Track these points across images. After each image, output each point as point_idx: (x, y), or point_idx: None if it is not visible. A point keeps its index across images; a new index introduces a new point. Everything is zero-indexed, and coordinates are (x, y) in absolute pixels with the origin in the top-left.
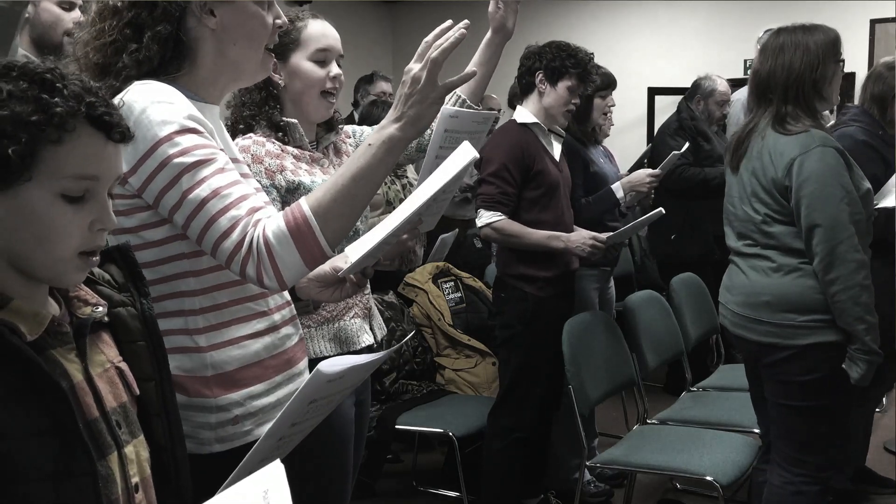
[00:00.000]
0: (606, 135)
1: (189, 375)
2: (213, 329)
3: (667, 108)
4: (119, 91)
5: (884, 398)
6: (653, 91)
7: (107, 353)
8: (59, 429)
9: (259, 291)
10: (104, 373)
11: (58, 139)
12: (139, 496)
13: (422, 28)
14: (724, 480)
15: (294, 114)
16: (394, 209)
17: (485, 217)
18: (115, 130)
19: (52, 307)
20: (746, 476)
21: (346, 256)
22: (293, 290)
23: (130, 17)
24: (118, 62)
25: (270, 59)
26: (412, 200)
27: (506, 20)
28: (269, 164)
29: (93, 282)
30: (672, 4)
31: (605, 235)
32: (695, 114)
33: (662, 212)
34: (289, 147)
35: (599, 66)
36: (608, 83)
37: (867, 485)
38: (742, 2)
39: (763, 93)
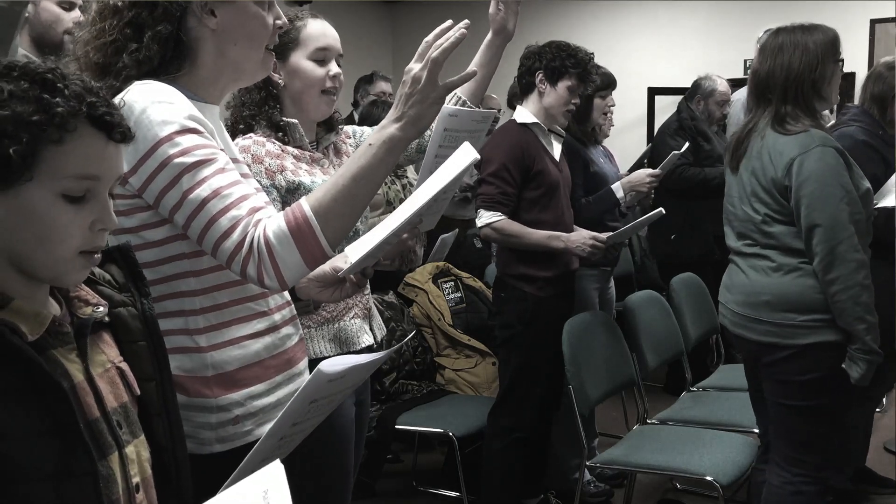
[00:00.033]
0: (606, 135)
1: (189, 375)
2: (214, 329)
3: (667, 108)
4: (119, 91)
5: (884, 398)
6: (653, 91)
7: (107, 353)
8: (60, 429)
9: (259, 291)
10: (105, 373)
11: (59, 139)
12: (140, 496)
13: (422, 28)
14: (724, 480)
15: (294, 113)
16: (394, 209)
17: (485, 217)
18: (117, 130)
19: (53, 307)
20: (746, 476)
21: (346, 256)
22: (293, 291)
23: (131, 17)
24: (118, 62)
25: (271, 59)
26: (413, 201)
27: (506, 22)
28: (270, 165)
29: (93, 282)
30: (672, 4)
31: (605, 235)
32: (695, 114)
33: (662, 212)
34: (289, 147)
35: (599, 66)
36: (608, 83)
37: (867, 485)
38: (742, 2)
39: (762, 93)
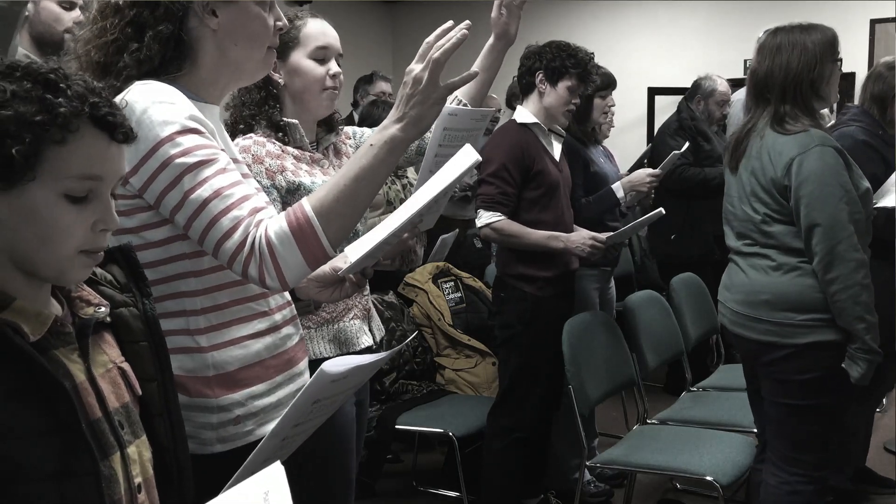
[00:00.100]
0: (606, 135)
1: (190, 375)
2: (215, 329)
3: (667, 108)
4: (120, 91)
5: (884, 398)
6: (653, 91)
7: (109, 354)
8: (62, 429)
9: (260, 291)
10: (107, 373)
11: (61, 139)
12: (142, 496)
13: (422, 28)
14: (724, 480)
15: (295, 112)
16: (394, 209)
17: (484, 217)
18: (119, 131)
19: (55, 307)
20: (746, 476)
21: (346, 256)
22: (293, 291)
23: (132, 16)
24: (119, 61)
25: (272, 58)
26: (413, 201)
27: (509, 26)
28: (270, 165)
29: (95, 282)
30: (672, 4)
31: (605, 235)
32: (695, 114)
33: (662, 212)
34: (289, 147)
35: (599, 66)
36: (608, 83)
37: (867, 485)
38: (742, 2)
39: (761, 92)
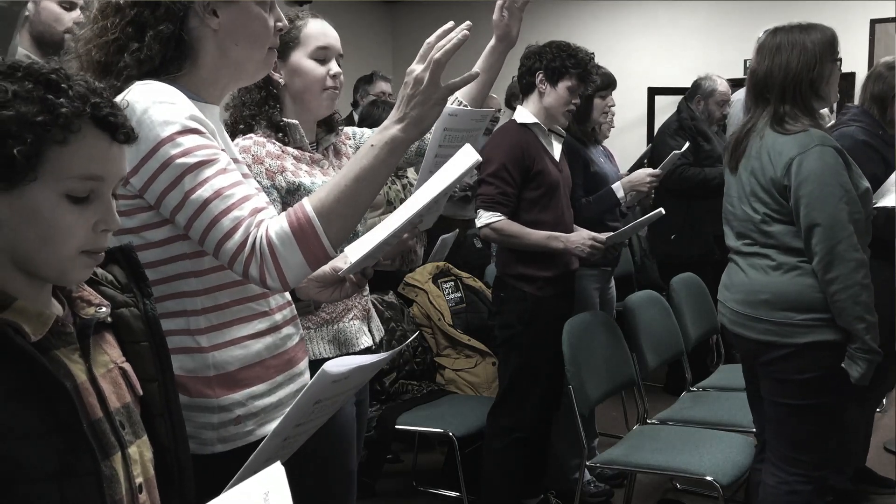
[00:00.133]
0: (606, 135)
1: (191, 376)
2: (215, 329)
3: (667, 108)
4: (120, 91)
5: (884, 398)
6: (653, 91)
7: (110, 354)
8: (63, 429)
9: (260, 291)
10: (108, 373)
11: (63, 140)
12: (143, 496)
13: (422, 28)
14: (724, 480)
15: (295, 112)
16: (394, 209)
17: (484, 217)
18: (120, 131)
19: (56, 307)
20: (746, 476)
21: (346, 257)
22: (293, 291)
23: (133, 16)
24: (119, 61)
25: (273, 58)
26: (413, 202)
27: (510, 28)
28: (270, 165)
29: (96, 282)
30: (672, 4)
31: (605, 236)
32: (695, 114)
33: (662, 212)
34: (289, 148)
35: (599, 66)
36: (608, 83)
37: (867, 485)
38: (742, 2)
39: (760, 92)
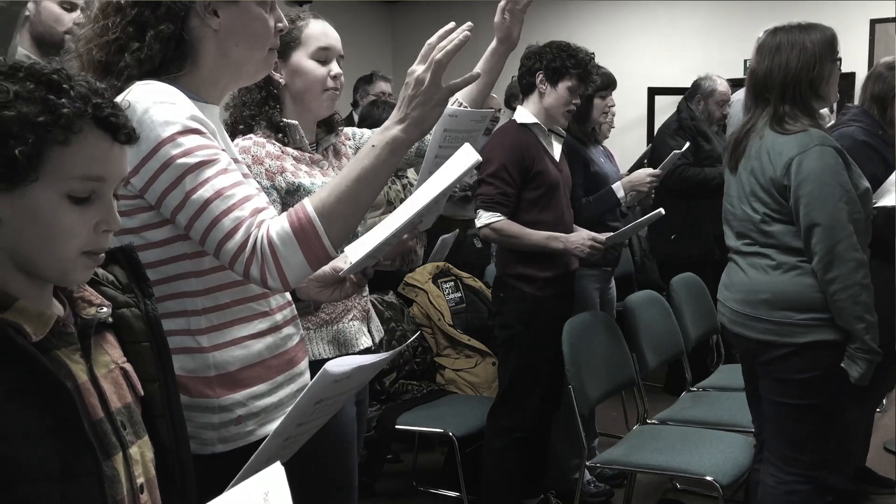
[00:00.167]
0: (606, 136)
1: (192, 376)
2: (216, 329)
3: (667, 108)
4: (121, 91)
5: (884, 398)
6: (653, 91)
7: (111, 354)
8: (64, 429)
9: (261, 292)
10: (109, 373)
11: (64, 140)
12: (144, 497)
13: (422, 28)
14: (724, 480)
15: (295, 113)
16: (394, 209)
17: (484, 218)
18: (122, 132)
19: (57, 308)
20: (746, 476)
21: (347, 257)
22: (293, 291)
23: (134, 15)
24: (120, 61)
25: (273, 59)
26: (413, 202)
27: (511, 31)
28: (270, 166)
29: (97, 283)
30: (672, 4)
31: (605, 236)
32: (695, 114)
33: (662, 213)
34: (289, 148)
35: (599, 66)
36: (608, 83)
37: (867, 485)
38: (742, 2)
39: (760, 92)
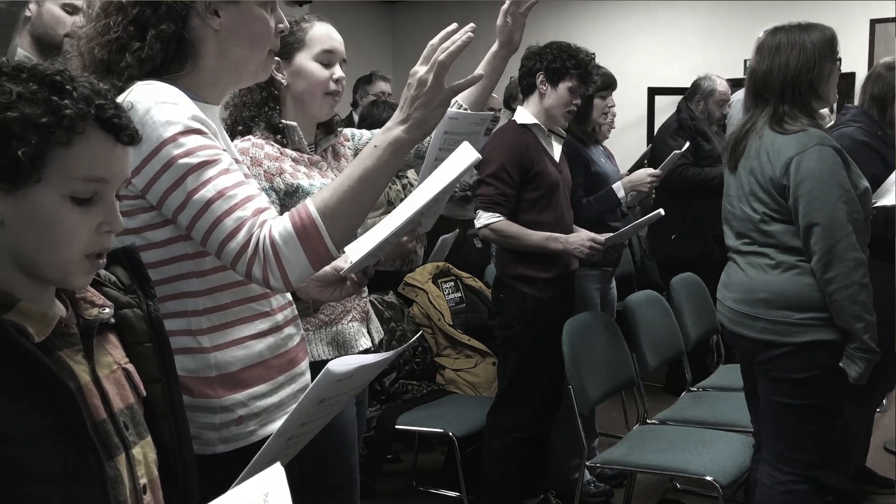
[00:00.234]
0: (606, 136)
1: (193, 376)
2: (217, 329)
3: (667, 108)
4: (122, 90)
5: (884, 398)
6: (653, 91)
7: (114, 355)
8: (67, 430)
9: (262, 292)
10: (111, 374)
11: (67, 141)
12: (147, 497)
13: (422, 28)
14: (724, 480)
15: (295, 114)
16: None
17: (483, 218)
18: (124, 133)
19: (59, 308)
20: (746, 476)
21: (347, 256)
22: (293, 291)
23: (135, 15)
24: (121, 60)
25: (272, 62)
26: (413, 201)
27: (513, 34)
28: (268, 167)
29: (99, 283)
30: (672, 4)
31: (604, 237)
32: (694, 114)
33: (662, 213)
34: (287, 150)
35: (600, 67)
36: (608, 83)
37: (867, 485)
38: (742, 2)
39: (760, 92)
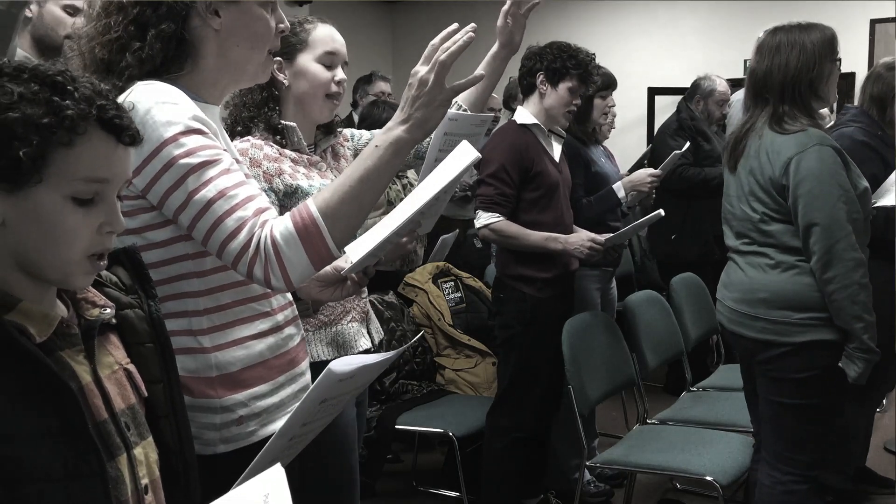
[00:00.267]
0: (606, 136)
1: (193, 376)
2: (217, 330)
3: (667, 108)
4: (122, 90)
5: (884, 398)
6: (653, 91)
7: (115, 355)
8: (69, 430)
9: (262, 292)
10: (112, 374)
11: (69, 142)
12: (149, 498)
13: (422, 28)
14: (724, 480)
15: (295, 115)
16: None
17: (483, 218)
18: (126, 133)
19: (61, 309)
20: (746, 476)
21: (348, 256)
22: (294, 291)
23: (135, 14)
24: (122, 60)
25: (272, 63)
26: (413, 200)
27: (514, 35)
28: (268, 168)
29: (100, 284)
30: (672, 4)
31: (604, 237)
32: (694, 114)
33: (661, 214)
34: (286, 150)
35: (600, 67)
36: (608, 83)
37: (867, 485)
38: (742, 2)
39: (759, 92)
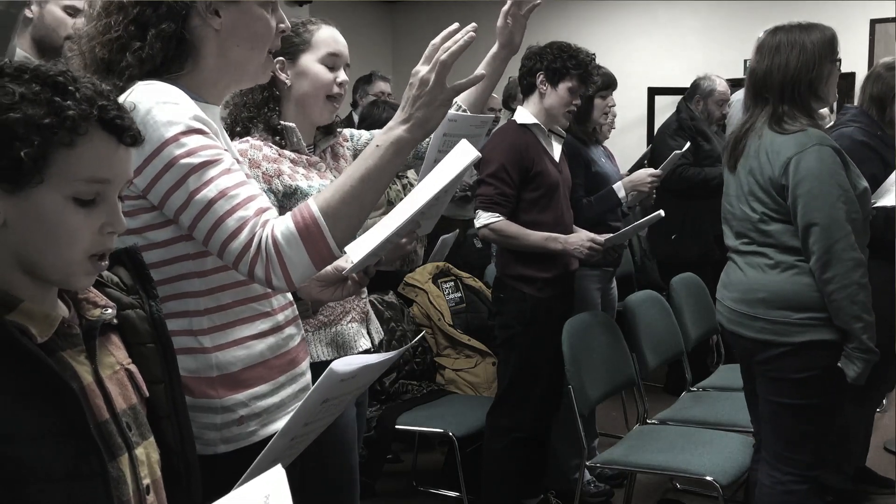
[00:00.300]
0: (606, 136)
1: (194, 376)
2: (218, 330)
3: (667, 108)
4: (123, 90)
5: (884, 398)
6: (653, 91)
7: (116, 355)
8: (70, 430)
9: (263, 292)
10: (114, 375)
11: (70, 142)
12: (151, 498)
13: (422, 28)
14: (724, 480)
15: (296, 115)
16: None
17: (483, 218)
18: (127, 134)
19: (62, 309)
20: (746, 476)
21: (348, 256)
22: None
23: (135, 14)
24: (122, 60)
25: (272, 63)
26: (413, 199)
27: (514, 36)
28: (267, 169)
29: (101, 284)
30: (672, 4)
31: (604, 237)
32: (694, 114)
33: (661, 214)
34: (286, 151)
35: (600, 67)
36: (608, 83)
37: (867, 485)
38: (742, 2)
39: (759, 92)
